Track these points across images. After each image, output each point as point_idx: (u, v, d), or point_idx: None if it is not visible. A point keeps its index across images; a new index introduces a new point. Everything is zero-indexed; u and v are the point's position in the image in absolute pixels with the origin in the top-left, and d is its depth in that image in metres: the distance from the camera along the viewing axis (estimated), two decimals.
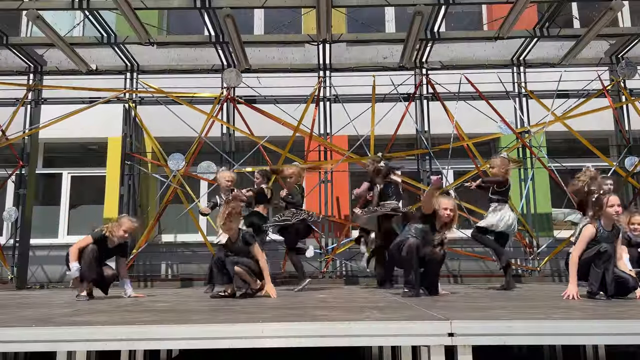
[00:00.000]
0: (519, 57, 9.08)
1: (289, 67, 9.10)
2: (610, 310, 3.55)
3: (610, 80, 8.91)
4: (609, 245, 4.45)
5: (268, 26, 9.83)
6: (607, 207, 4.50)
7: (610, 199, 4.53)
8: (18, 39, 8.71)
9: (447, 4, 7.38)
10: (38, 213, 9.13)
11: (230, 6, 7.23)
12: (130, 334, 2.81)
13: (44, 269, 8.86)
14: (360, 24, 9.26)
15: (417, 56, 8.91)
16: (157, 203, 8.95)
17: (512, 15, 7.31)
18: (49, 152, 9.54)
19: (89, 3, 7.42)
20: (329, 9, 7.21)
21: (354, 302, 4.52)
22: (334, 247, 8.48)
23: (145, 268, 8.76)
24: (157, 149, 8.71)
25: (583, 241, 4.54)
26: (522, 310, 3.57)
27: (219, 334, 2.81)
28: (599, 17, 7.34)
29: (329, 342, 2.80)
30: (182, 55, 9.41)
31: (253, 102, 8.92)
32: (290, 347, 2.80)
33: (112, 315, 3.57)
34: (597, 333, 2.84)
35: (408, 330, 2.80)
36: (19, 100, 8.87)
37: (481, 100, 8.76)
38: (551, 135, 9.04)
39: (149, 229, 8.56)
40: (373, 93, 8.75)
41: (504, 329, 2.80)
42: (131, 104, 9.01)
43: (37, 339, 2.79)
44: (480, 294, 5.39)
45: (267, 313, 3.55)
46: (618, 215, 4.56)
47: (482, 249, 8.51)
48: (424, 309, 3.59)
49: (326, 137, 8.87)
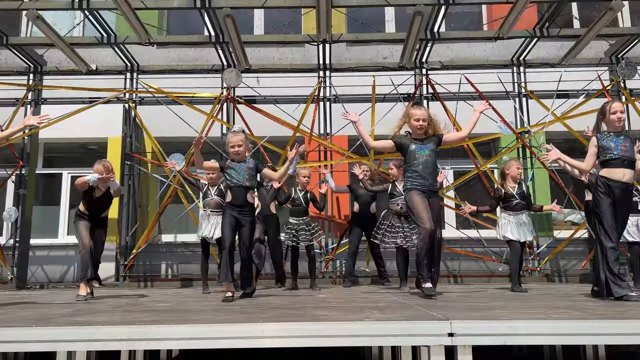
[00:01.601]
0: (519, 57, 9.08)
1: (289, 67, 9.10)
2: (610, 310, 3.55)
3: (610, 80, 8.91)
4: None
5: (268, 26, 9.83)
6: (610, 114, 4.42)
7: (612, 106, 4.45)
8: (18, 39, 8.71)
9: (447, 4, 7.38)
10: (38, 213, 9.13)
11: (230, 6, 7.23)
12: (130, 334, 2.81)
13: (44, 269, 8.86)
14: (360, 24, 9.26)
15: (417, 56, 8.91)
16: (157, 203, 8.96)
17: (512, 15, 7.31)
18: (49, 152, 9.54)
19: (89, 3, 7.42)
20: (329, 9, 7.21)
21: (354, 302, 4.52)
22: (334, 247, 8.48)
23: (145, 268, 8.76)
24: (157, 149, 8.72)
25: (591, 153, 4.47)
26: (522, 310, 3.57)
27: (219, 334, 2.80)
28: (599, 17, 7.34)
29: (329, 342, 2.80)
30: (182, 55, 9.41)
31: (253, 102, 8.93)
32: (290, 347, 2.80)
33: (112, 315, 3.57)
34: (597, 333, 2.83)
35: (408, 330, 2.80)
36: (19, 100, 8.87)
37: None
38: (551, 135, 9.03)
39: (149, 229, 8.57)
40: (373, 93, 8.75)
41: (504, 329, 2.80)
42: (131, 104, 9.01)
43: (37, 339, 2.79)
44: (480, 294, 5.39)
45: (267, 313, 3.55)
46: (621, 121, 4.43)
47: (482, 248, 8.53)
48: (424, 309, 3.59)
49: (326, 137, 8.87)
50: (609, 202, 4.34)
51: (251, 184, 5.07)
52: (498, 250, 8.42)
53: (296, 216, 6.62)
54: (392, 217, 6.32)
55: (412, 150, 4.88)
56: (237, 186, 4.99)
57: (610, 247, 4.30)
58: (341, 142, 8.85)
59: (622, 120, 4.46)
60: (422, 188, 4.79)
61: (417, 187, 4.80)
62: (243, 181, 5.00)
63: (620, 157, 4.35)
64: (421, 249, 4.68)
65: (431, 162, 4.88)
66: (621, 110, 4.44)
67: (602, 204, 4.36)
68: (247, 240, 5.04)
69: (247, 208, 5.05)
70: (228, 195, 5.05)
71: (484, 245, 8.49)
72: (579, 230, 8.42)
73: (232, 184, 5.01)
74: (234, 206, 4.98)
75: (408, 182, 4.88)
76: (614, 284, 4.27)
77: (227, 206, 5.02)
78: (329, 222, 8.62)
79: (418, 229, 4.81)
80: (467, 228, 8.65)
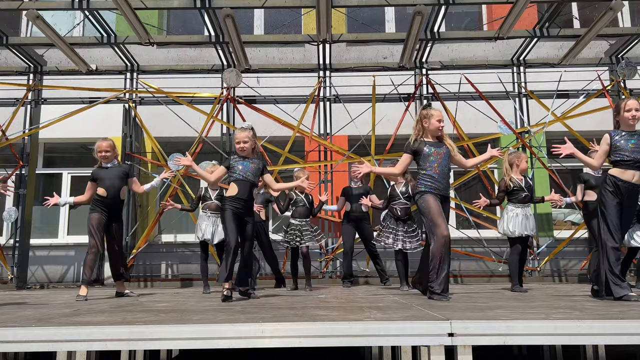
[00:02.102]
0: (519, 57, 9.08)
1: (289, 67, 9.09)
2: (610, 310, 3.55)
3: (610, 80, 8.91)
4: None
5: (268, 26, 9.83)
6: (625, 111, 4.34)
7: (627, 103, 4.36)
8: (18, 39, 8.71)
9: (447, 4, 7.38)
10: (38, 213, 9.14)
11: (230, 6, 7.23)
12: (130, 334, 2.81)
13: (44, 269, 8.87)
14: (360, 24, 9.26)
15: (417, 56, 8.91)
16: (157, 203, 8.96)
17: (512, 15, 7.31)
18: (49, 152, 9.54)
19: (89, 3, 7.42)
20: (329, 9, 7.20)
21: (354, 302, 4.51)
22: (334, 247, 8.48)
23: (145, 268, 8.76)
24: (157, 149, 8.72)
25: (603, 151, 4.39)
26: (522, 310, 3.57)
27: (219, 334, 2.80)
28: (599, 17, 7.34)
29: (329, 342, 2.79)
30: (182, 55, 9.42)
31: (253, 102, 8.93)
32: (290, 347, 2.80)
33: (112, 315, 3.57)
34: (597, 333, 2.83)
35: (408, 330, 2.80)
36: (19, 100, 8.87)
37: (481, 100, 8.77)
38: (551, 135, 9.04)
39: (149, 229, 8.57)
40: (373, 93, 8.75)
41: (504, 329, 2.80)
42: (131, 104, 9.01)
43: (37, 339, 2.78)
44: (480, 294, 5.39)
45: (267, 313, 3.55)
46: (635, 120, 4.32)
47: (482, 248, 8.54)
48: (424, 309, 3.59)
49: (326, 137, 8.87)
50: (616, 201, 4.30)
51: (255, 181, 5.05)
52: (498, 250, 8.43)
53: (299, 217, 6.60)
54: (391, 220, 6.28)
55: (427, 153, 4.75)
56: (244, 180, 4.93)
57: (612, 247, 4.27)
58: (341, 142, 8.85)
59: (637, 119, 4.35)
60: (436, 192, 4.69)
61: (432, 191, 4.67)
62: (249, 177, 4.95)
63: (633, 159, 4.29)
64: (436, 254, 4.51)
65: (446, 165, 4.79)
66: (636, 108, 4.32)
67: (609, 203, 4.32)
68: (250, 237, 4.98)
69: (251, 203, 5.01)
70: (232, 189, 4.90)
71: (484, 245, 8.50)
72: (579, 230, 8.42)
73: (239, 178, 4.92)
74: (240, 200, 4.87)
75: (422, 185, 4.74)
76: (614, 284, 4.26)
77: (231, 200, 4.87)
78: (329, 222, 8.62)
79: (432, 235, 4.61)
80: (467, 228, 8.65)
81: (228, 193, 4.95)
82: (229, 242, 4.80)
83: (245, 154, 5.02)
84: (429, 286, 4.62)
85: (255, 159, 5.08)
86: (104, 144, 5.70)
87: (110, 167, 5.71)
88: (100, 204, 5.58)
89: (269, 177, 5.24)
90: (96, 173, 5.68)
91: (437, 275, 4.53)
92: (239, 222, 4.88)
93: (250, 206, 5.01)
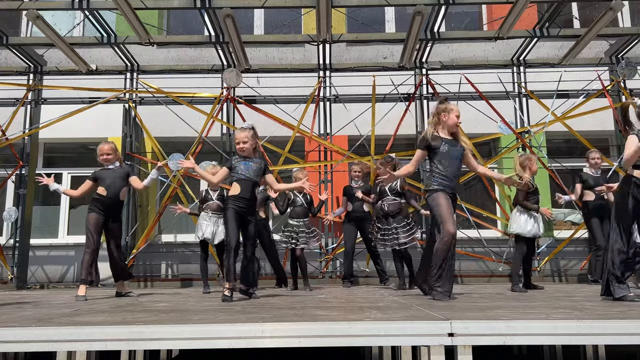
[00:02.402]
0: (519, 57, 9.08)
1: (289, 67, 9.09)
2: (610, 310, 3.55)
3: (610, 80, 8.91)
4: None
5: (268, 26, 9.83)
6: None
7: None
8: (18, 39, 8.71)
9: (447, 4, 7.38)
10: (38, 213, 9.14)
11: (230, 6, 7.23)
12: (130, 334, 2.81)
13: (44, 269, 8.87)
14: (360, 24, 9.27)
15: (417, 56, 8.91)
16: (157, 203, 8.96)
17: (512, 15, 7.31)
18: (49, 152, 9.55)
19: (89, 3, 7.42)
20: (329, 9, 7.20)
21: (354, 302, 4.51)
22: (334, 247, 8.48)
23: (145, 268, 8.76)
24: (157, 149, 8.72)
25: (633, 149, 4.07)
26: (522, 310, 3.57)
27: (219, 334, 2.80)
28: (599, 17, 7.34)
29: (329, 342, 2.79)
30: (182, 55, 9.42)
31: (253, 102, 8.93)
32: (290, 347, 2.80)
33: (112, 315, 3.57)
34: (597, 333, 2.83)
35: (408, 330, 2.80)
36: (19, 100, 8.87)
37: (481, 100, 8.77)
38: (551, 135, 9.05)
39: (149, 229, 8.57)
40: (373, 93, 8.75)
41: (504, 329, 2.80)
42: (131, 104, 9.01)
43: (37, 339, 2.78)
44: (480, 294, 5.39)
45: (267, 313, 3.55)
46: None
47: (482, 248, 8.53)
48: (424, 309, 3.59)
49: (326, 137, 8.87)
50: (634, 204, 4.20)
51: (258, 181, 5.04)
52: (498, 250, 8.43)
53: (296, 218, 6.60)
54: (382, 221, 6.23)
55: (445, 151, 4.69)
56: (246, 179, 4.92)
57: (619, 249, 4.21)
58: (341, 142, 8.85)
59: None
60: (448, 191, 4.66)
61: (444, 190, 4.64)
62: (252, 176, 4.95)
63: None
64: (440, 252, 4.48)
65: (459, 167, 4.78)
66: None
67: (627, 204, 4.22)
68: (253, 237, 4.97)
69: (254, 203, 5.00)
70: (235, 188, 4.89)
71: (484, 245, 8.50)
72: (579, 230, 8.42)
73: (241, 177, 4.92)
74: (242, 199, 4.86)
75: (436, 182, 4.68)
76: (614, 285, 4.26)
77: (233, 200, 4.86)
78: (329, 222, 8.62)
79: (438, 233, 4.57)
80: (467, 228, 8.65)
81: (230, 192, 4.94)
82: (229, 241, 4.79)
83: (246, 154, 5.01)
84: (431, 283, 4.61)
85: (257, 158, 5.08)
86: (105, 147, 5.72)
87: (113, 169, 5.72)
88: (99, 203, 5.58)
89: (271, 177, 5.23)
90: (98, 173, 5.71)
91: (440, 273, 4.50)
92: (242, 221, 4.88)
93: (253, 205, 5.01)
